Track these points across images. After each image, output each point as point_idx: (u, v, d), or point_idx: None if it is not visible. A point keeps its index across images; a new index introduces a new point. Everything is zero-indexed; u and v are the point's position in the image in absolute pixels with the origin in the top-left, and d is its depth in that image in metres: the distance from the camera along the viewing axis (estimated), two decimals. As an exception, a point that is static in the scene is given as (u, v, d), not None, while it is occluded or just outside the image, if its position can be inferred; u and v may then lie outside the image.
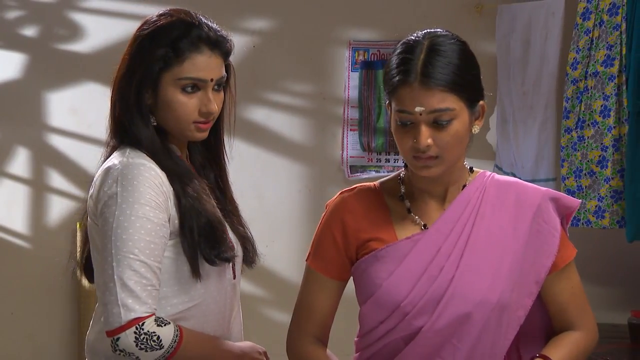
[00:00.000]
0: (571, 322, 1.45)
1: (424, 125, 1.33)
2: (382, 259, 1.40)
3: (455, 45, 1.36)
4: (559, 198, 1.44)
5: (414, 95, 1.32)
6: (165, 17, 1.57)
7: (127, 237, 1.43)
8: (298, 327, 1.47)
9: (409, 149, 1.35)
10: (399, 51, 1.38)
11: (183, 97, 1.52)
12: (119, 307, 1.41)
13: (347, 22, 3.26)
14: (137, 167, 1.48)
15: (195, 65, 1.51)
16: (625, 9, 2.63)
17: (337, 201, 1.47)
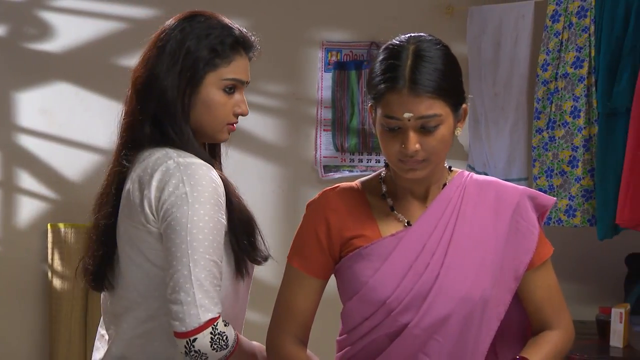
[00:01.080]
0: (548, 321, 1.47)
1: (412, 131, 1.34)
2: (367, 257, 1.41)
3: (439, 50, 1.38)
4: (536, 196, 1.47)
5: (402, 101, 1.33)
6: (202, 18, 1.58)
7: (204, 237, 1.42)
8: (279, 327, 1.47)
9: (395, 153, 1.37)
10: (385, 56, 1.38)
11: (224, 97, 1.54)
12: (197, 308, 1.39)
13: (320, 23, 3.27)
14: (201, 167, 1.46)
15: (239, 67, 1.55)
16: (593, 11, 2.69)
17: (320, 199, 1.47)
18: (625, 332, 2.61)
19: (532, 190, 1.48)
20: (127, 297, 1.52)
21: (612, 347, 2.62)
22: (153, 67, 1.54)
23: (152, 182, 1.47)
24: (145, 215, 1.47)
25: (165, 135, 1.52)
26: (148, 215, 1.47)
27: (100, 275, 1.57)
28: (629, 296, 2.83)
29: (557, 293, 1.50)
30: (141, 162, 1.51)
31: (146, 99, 1.53)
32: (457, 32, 3.15)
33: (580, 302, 3.11)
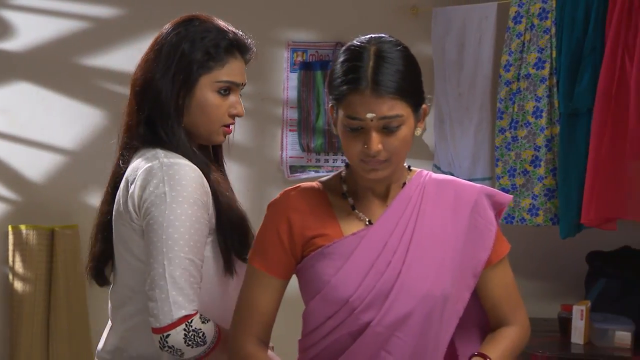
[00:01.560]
0: (505, 317, 1.50)
1: (374, 131, 1.35)
2: (329, 256, 1.41)
3: (400, 51, 1.39)
4: (493, 194, 1.49)
5: (365, 102, 1.34)
6: (198, 21, 1.62)
7: (179, 236, 1.46)
8: (241, 327, 1.46)
9: (358, 153, 1.38)
10: (346, 58, 1.39)
11: (218, 99, 1.58)
12: (170, 305, 1.44)
13: (286, 23, 3.26)
14: (183, 167, 1.50)
15: (233, 70, 1.60)
16: (554, 13, 2.72)
17: (282, 199, 1.48)
18: (586, 328, 2.65)
19: (490, 189, 1.51)
20: (120, 292, 1.59)
21: (573, 343, 2.66)
22: (149, 70, 1.58)
23: (137, 181, 1.51)
24: (129, 214, 1.52)
25: (156, 136, 1.56)
26: (132, 214, 1.52)
27: (100, 270, 1.64)
28: (590, 293, 2.87)
29: (514, 290, 1.52)
30: (132, 162, 1.56)
31: (142, 101, 1.58)
32: (422, 32, 3.17)
33: (543, 299, 3.16)
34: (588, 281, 2.95)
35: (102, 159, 3.26)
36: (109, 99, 3.23)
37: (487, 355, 1.44)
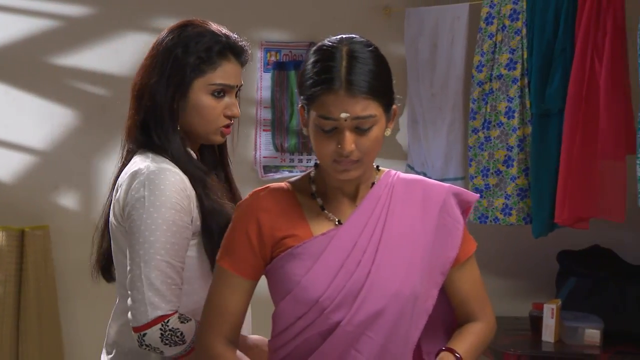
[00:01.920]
0: (473, 314, 1.52)
1: (347, 131, 1.36)
2: (299, 256, 1.41)
3: (371, 52, 1.40)
4: (460, 193, 1.51)
5: (338, 102, 1.34)
6: (191, 26, 1.67)
7: (155, 239, 1.51)
8: (210, 328, 1.45)
9: (330, 153, 1.37)
10: (318, 58, 1.39)
11: (213, 101, 1.63)
12: (145, 305, 1.50)
13: (259, 23, 3.25)
14: (164, 172, 1.56)
15: (226, 72, 1.64)
16: (525, 14, 2.75)
17: (251, 200, 1.47)
18: (557, 327, 2.68)
19: (457, 187, 1.53)
20: (117, 288, 1.68)
21: (544, 341, 2.69)
22: (145, 75, 1.64)
23: (122, 185, 1.58)
24: (116, 216, 1.60)
25: (150, 139, 1.62)
26: (118, 216, 1.59)
27: (107, 267, 1.73)
28: (560, 292, 2.90)
29: (481, 287, 1.54)
30: (127, 166, 1.62)
31: (139, 105, 1.64)
32: (395, 32, 3.18)
33: (515, 298, 3.19)
34: (559, 280, 2.98)
35: (73, 159, 3.25)
36: (80, 98, 3.20)
37: (454, 350, 1.46)
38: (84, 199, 3.20)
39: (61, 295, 3.17)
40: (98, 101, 3.20)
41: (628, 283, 2.75)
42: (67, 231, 3.19)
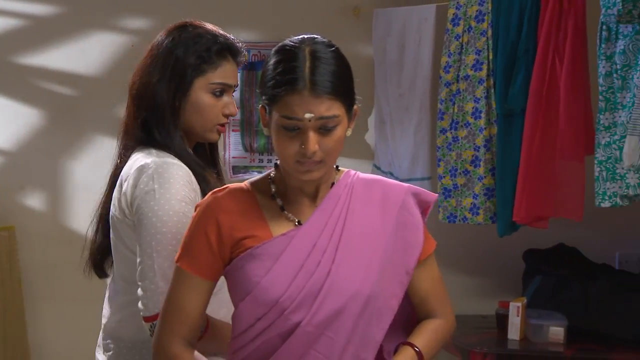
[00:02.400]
0: (432, 311, 1.55)
1: (311, 132, 1.36)
2: (259, 257, 1.41)
3: (333, 52, 1.41)
4: (419, 193, 1.53)
5: (303, 102, 1.35)
6: (191, 27, 1.74)
7: (167, 230, 1.56)
8: (168, 329, 1.45)
9: (293, 154, 1.38)
10: (280, 58, 1.39)
11: (213, 100, 1.70)
12: (158, 295, 1.53)
13: (228, 23, 3.20)
14: (171, 166, 1.61)
15: (226, 72, 1.71)
16: (490, 16, 2.78)
17: (210, 201, 1.46)
18: (522, 325, 2.71)
19: (415, 187, 1.54)
20: (116, 283, 1.72)
21: (510, 339, 2.72)
22: (145, 75, 1.70)
23: (129, 179, 1.62)
24: (123, 210, 1.63)
25: (151, 137, 1.67)
26: (125, 210, 1.63)
27: (100, 263, 1.78)
28: (526, 290, 2.94)
29: (441, 285, 1.57)
30: (129, 161, 1.67)
31: (139, 104, 1.69)
32: (364, 33, 3.20)
33: (483, 296, 3.22)
34: (525, 278, 3.01)
35: (40, 159, 3.22)
36: (46, 98, 3.17)
37: (414, 344, 1.49)
38: (50, 200, 3.18)
39: (27, 297, 3.14)
40: (65, 101, 3.17)
41: (591, 281, 2.79)
42: (33, 232, 3.16)
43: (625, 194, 2.43)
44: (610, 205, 2.48)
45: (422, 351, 1.48)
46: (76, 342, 3.12)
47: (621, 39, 2.41)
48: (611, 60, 2.44)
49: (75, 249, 3.12)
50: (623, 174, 2.42)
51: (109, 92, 3.17)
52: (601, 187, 2.49)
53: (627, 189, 2.41)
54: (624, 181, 2.42)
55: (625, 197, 2.45)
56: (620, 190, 2.45)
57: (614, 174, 2.46)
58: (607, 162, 2.48)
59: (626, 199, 2.45)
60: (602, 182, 2.49)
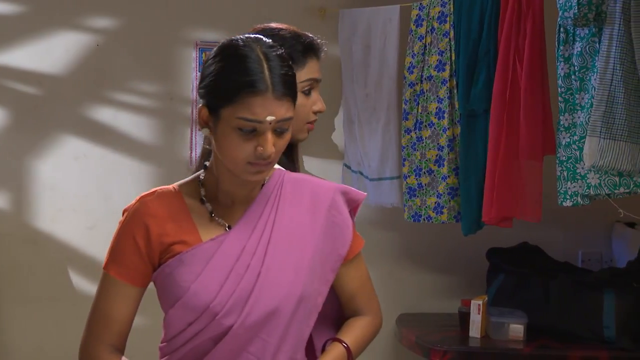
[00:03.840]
0: (360, 309, 1.56)
1: (270, 133, 1.36)
2: (188, 262, 1.39)
3: (282, 54, 1.41)
4: (348, 192, 1.53)
5: (266, 104, 1.34)
6: (272, 32, 1.72)
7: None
8: (94, 336, 1.43)
9: (247, 155, 1.36)
10: (233, 58, 1.37)
11: (303, 99, 1.69)
12: None
13: (194, 22, 3.25)
14: None
15: (312, 69, 1.71)
16: (452, 17, 2.80)
17: (138, 205, 1.44)
18: (483, 322, 2.74)
19: (344, 186, 1.55)
20: None
21: (471, 337, 2.74)
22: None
23: None
24: None
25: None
26: None
27: None
28: (489, 289, 2.96)
29: (369, 283, 1.57)
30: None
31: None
32: (330, 33, 3.20)
33: (448, 295, 3.24)
34: (489, 277, 3.04)
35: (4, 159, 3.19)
36: (10, 97, 3.15)
37: (342, 340, 1.50)
38: (14, 199, 3.16)
39: (-4, 297, 3.12)
40: (29, 100, 3.16)
41: (552, 279, 2.82)
42: (-3, 232, 3.14)
43: (586, 194, 2.46)
44: (571, 204, 2.51)
45: (350, 347, 1.49)
46: (41, 342, 3.11)
47: (578, 41, 2.44)
48: (569, 62, 2.47)
49: (40, 249, 3.14)
50: (584, 174, 2.45)
51: (73, 92, 3.16)
52: (563, 187, 2.52)
53: (588, 188, 2.44)
54: (584, 181, 2.45)
55: (586, 197, 2.48)
56: (581, 189, 2.47)
57: (575, 174, 2.49)
58: (568, 162, 2.51)
59: (587, 198, 2.48)
60: (563, 182, 2.52)
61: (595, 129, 2.37)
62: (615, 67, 2.31)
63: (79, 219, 3.14)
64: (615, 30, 2.31)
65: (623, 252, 3.11)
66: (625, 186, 2.39)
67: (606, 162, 2.35)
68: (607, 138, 2.35)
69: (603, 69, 2.34)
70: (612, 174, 2.39)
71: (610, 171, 2.38)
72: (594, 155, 2.36)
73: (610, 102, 2.33)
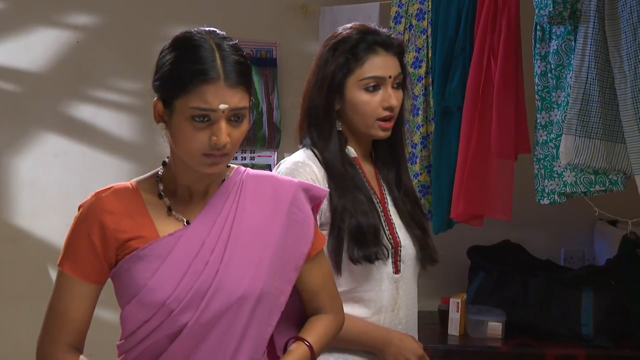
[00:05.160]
0: (322, 307, 1.55)
1: (223, 122, 1.34)
2: (145, 258, 1.38)
3: (236, 45, 1.40)
4: (310, 189, 1.53)
5: (218, 93, 1.33)
6: (344, 29, 1.79)
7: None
8: (50, 335, 1.41)
9: (201, 146, 1.34)
10: (185, 49, 1.36)
11: (366, 95, 1.73)
12: None
13: (173, 19, 3.24)
14: (296, 164, 1.72)
15: (374, 65, 1.73)
16: (430, 14, 2.80)
17: (93, 201, 1.42)
18: (462, 320, 2.74)
19: (306, 183, 1.54)
20: None
21: (450, 335, 2.74)
22: (309, 81, 1.80)
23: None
24: None
25: (311, 138, 1.77)
26: None
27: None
28: (470, 287, 2.96)
29: (331, 281, 1.57)
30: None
31: (303, 111, 1.80)
32: (312, 31, 3.20)
33: (430, 293, 3.23)
34: (470, 275, 3.04)
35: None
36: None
37: (304, 339, 1.49)
38: (-7, 197, 3.15)
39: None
40: (8, 97, 3.15)
41: (531, 277, 2.82)
42: (-25, 230, 3.13)
43: (563, 192, 2.46)
44: (549, 202, 2.51)
45: (313, 346, 1.49)
46: (17, 340, 3.11)
47: (554, 39, 2.44)
48: (546, 60, 2.47)
49: (19, 247, 3.13)
50: (560, 171, 2.45)
51: (53, 89, 3.15)
52: (540, 185, 2.52)
53: (565, 186, 2.43)
54: (561, 179, 2.45)
55: (563, 195, 2.48)
56: (558, 187, 2.47)
57: (552, 172, 2.49)
58: (545, 160, 2.50)
59: (564, 196, 2.48)
60: (540, 180, 2.52)
61: (570, 127, 2.36)
62: (590, 65, 2.31)
63: (58, 217, 3.13)
64: (590, 28, 2.31)
65: (604, 250, 3.11)
66: (601, 184, 2.39)
67: (582, 160, 2.35)
68: (583, 136, 2.35)
69: (578, 67, 2.34)
70: (588, 172, 2.39)
71: (586, 169, 2.38)
72: (570, 154, 2.36)
73: (586, 100, 2.33)
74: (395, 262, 1.78)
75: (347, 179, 1.72)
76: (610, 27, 2.29)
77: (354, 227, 1.68)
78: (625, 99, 2.27)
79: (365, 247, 1.69)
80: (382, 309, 1.77)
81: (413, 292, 1.88)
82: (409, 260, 1.82)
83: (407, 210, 1.83)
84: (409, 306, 1.86)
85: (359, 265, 1.70)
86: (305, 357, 1.49)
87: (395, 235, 1.78)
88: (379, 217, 1.75)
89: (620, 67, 2.27)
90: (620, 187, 2.39)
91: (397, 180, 1.84)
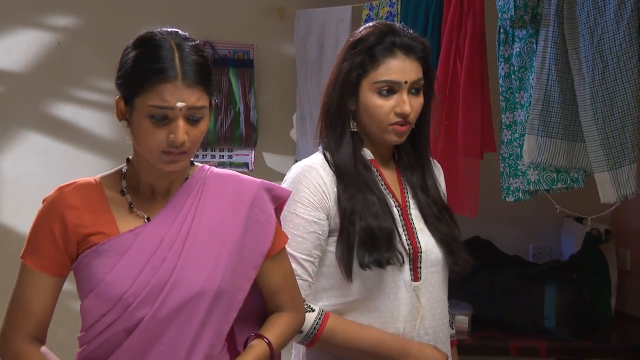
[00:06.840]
0: (283, 305, 1.57)
1: (181, 121, 1.37)
2: (104, 253, 1.41)
3: (197, 45, 1.43)
4: (272, 188, 1.56)
5: (175, 91, 1.35)
6: (365, 28, 1.73)
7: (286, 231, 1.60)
8: (12, 326, 1.43)
9: (159, 144, 1.37)
10: (147, 48, 1.39)
11: (379, 100, 1.66)
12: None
13: (154, 20, 3.28)
14: (303, 168, 1.69)
15: (390, 69, 1.66)
16: (399, 17, 2.87)
17: (56, 196, 1.45)
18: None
19: (269, 183, 1.56)
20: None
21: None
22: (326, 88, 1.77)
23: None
24: None
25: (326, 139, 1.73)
26: None
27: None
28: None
29: (292, 279, 1.59)
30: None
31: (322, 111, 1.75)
32: (287, 33, 3.28)
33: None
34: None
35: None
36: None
37: (264, 336, 1.51)
38: (-25, 195, 3.20)
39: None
40: (-10, 97, 3.20)
41: (498, 271, 2.90)
42: (-44, 228, 3.18)
43: (527, 189, 2.53)
44: (514, 199, 2.59)
45: (272, 343, 1.51)
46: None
47: (517, 42, 2.52)
48: (509, 62, 2.55)
49: (0, 244, 3.17)
50: (524, 170, 2.52)
51: (34, 89, 3.21)
52: (505, 183, 2.59)
53: (528, 184, 2.51)
54: (525, 177, 2.52)
55: (527, 192, 2.55)
56: (522, 185, 2.54)
57: (516, 170, 2.56)
58: (510, 159, 2.58)
59: (528, 193, 2.56)
60: (506, 178, 2.59)
61: (533, 127, 2.44)
62: (550, 67, 2.39)
63: (40, 214, 3.18)
64: (550, 31, 2.39)
65: (571, 246, 3.19)
66: (563, 182, 2.47)
67: (544, 158, 2.43)
68: (544, 136, 2.42)
69: (539, 69, 2.42)
70: (550, 170, 2.46)
71: (548, 167, 2.45)
72: (533, 153, 2.44)
73: (547, 101, 2.41)
74: (415, 268, 1.68)
75: (359, 181, 1.66)
76: (569, 31, 2.37)
77: (364, 230, 1.62)
78: (584, 100, 2.35)
79: (376, 252, 1.61)
80: (399, 319, 1.67)
81: (441, 300, 1.75)
82: (433, 267, 1.72)
83: (434, 215, 1.74)
84: (436, 316, 1.72)
85: (371, 272, 1.63)
86: (264, 354, 1.50)
87: (415, 240, 1.69)
88: (393, 221, 1.66)
89: (579, 69, 2.35)
90: (581, 185, 2.47)
91: (423, 184, 1.77)
